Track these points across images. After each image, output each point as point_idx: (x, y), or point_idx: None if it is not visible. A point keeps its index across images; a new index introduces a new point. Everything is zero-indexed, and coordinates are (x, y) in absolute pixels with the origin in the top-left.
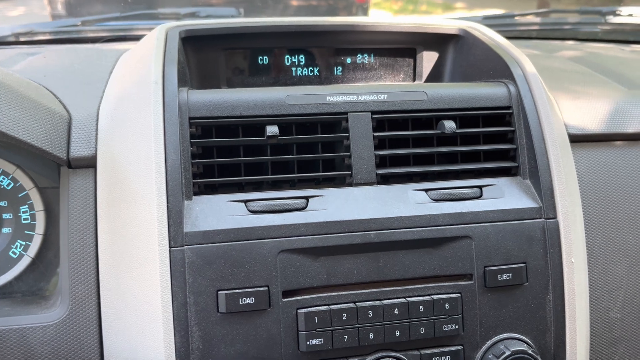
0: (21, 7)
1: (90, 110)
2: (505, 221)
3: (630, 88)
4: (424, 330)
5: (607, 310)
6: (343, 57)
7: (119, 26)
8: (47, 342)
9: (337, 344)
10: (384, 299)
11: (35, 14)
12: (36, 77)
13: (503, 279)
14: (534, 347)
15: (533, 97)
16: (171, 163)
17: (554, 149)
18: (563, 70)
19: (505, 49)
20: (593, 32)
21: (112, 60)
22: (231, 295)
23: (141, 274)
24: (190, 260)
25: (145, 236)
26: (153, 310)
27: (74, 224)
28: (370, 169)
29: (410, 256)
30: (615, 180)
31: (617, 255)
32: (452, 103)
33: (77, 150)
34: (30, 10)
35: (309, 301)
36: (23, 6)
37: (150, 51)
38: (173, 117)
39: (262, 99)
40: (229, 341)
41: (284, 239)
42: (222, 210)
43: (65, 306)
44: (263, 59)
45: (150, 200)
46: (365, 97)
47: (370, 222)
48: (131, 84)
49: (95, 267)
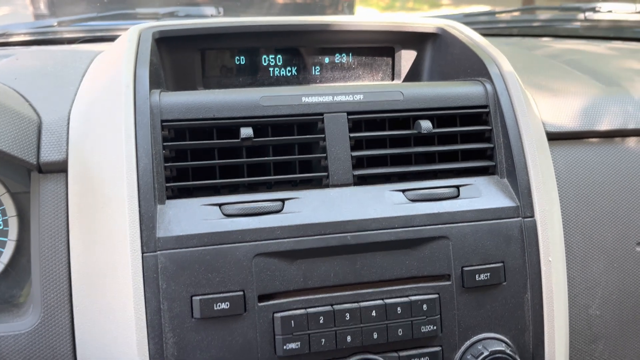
0: (5, 7)
1: (61, 114)
2: (483, 221)
3: (607, 85)
4: (402, 332)
5: (586, 307)
6: (321, 57)
7: (96, 26)
8: (19, 351)
9: (315, 347)
10: (361, 301)
11: (16, 13)
12: (6, 80)
13: (481, 279)
14: (513, 346)
15: (510, 95)
16: (143, 167)
17: (531, 148)
18: (541, 67)
19: (482, 47)
20: (573, 28)
21: (87, 62)
22: (206, 300)
23: (114, 280)
24: (163, 265)
25: (118, 242)
26: (126, 317)
27: (45, 229)
28: (346, 170)
29: (388, 257)
30: (592, 178)
31: (595, 252)
32: (429, 102)
33: (47, 154)
34: (15, 10)
35: (286, 305)
36: (6, 6)
37: (122, 53)
38: (144, 120)
39: (236, 100)
40: (204, 347)
41: (259, 243)
42: (196, 214)
43: (38, 314)
44: (240, 59)
45: (122, 205)
46: (341, 97)
47: (347, 224)
48: (102, 86)
49: (67, 274)
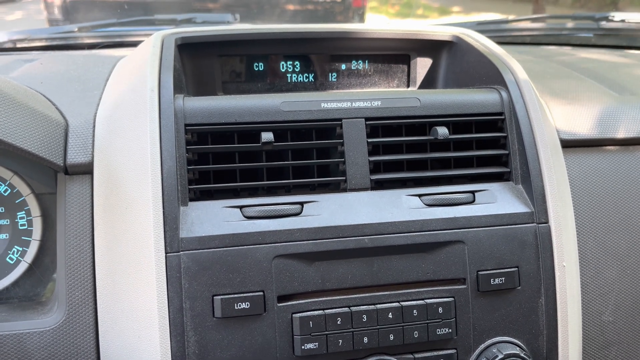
0: (18, 11)
1: (87, 117)
2: (498, 226)
3: (621, 93)
4: (417, 334)
5: (599, 313)
6: (338, 64)
7: (115, 32)
8: (44, 348)
9: (332, 348)
10: (378, 303)
11: (33, 19)
12: (33, 84)
13: (496, 283)
14: (527, 350)
15: (525, 103)
16: (167, 169)
17: (546, 154)
18: (555, 75)
19: (498, 55)
20: (586, 37)
21: (109, 67)
22: (227, 300)
23: (137, 279)
24: (186, 265)
25: (142, 242)
26: (149, 315)
27: (71, 229)
28: (364, 174)
29: (404, 261)
30: (606, 185)
31: (608, 259)
32: (445, 109)
33: (73, 156)
34: (28, 15)
35: (304, 306)
36: (20, 10)
37: (146, 58)
38: (169, 123)
39: (257, 105)
40: (225, 346)
41: (279, 244)
42: (218, 216)
43: (62, 311)
44: (258, 65)
45: (147, 206)
46: (360, 103)
47: (364, 227)
48: (127, 91)
49: (92, 273)
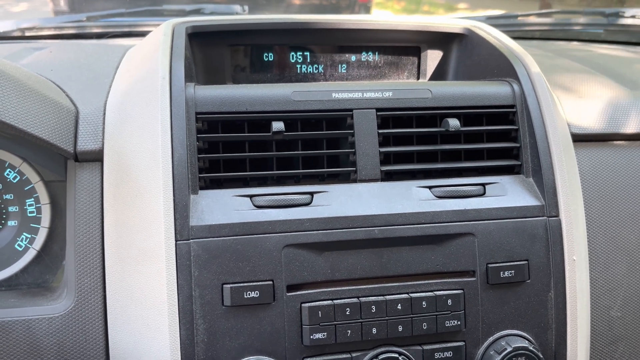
0: (23, 3)
1: (98, 105)
2: (508, 219)
3: (632, 89)
4: (426, 326)
5: (608, 308)
6: (348, 55)
7: (124, 22)
8: (52, 334)
9: (340, 338)
10: (387, 294)
11: (38, 10)
12: (43, 71)
13: (505, 276)
14: (536, 343)
15: (537, 96)
16: (178, 157)
17: (557, 148)
18: (566, 70)
19: (510, 48)
20: (596, 33)
21: (119, 56)
22: (236, 288)
23: (147, 267)
24: (196, 253)
25: (152, 229)
26: (159, 302)
27: (81, 217)
28: (374, 165)
29: (414, 252)
30: (617, 180)
31: (618, 254)
32: (457, 101)
33: (84, 143)
34: (33, 6)
35: (313, 296)
36: (25, 2)
37: (157, 46)
38: (180, 112)
39: (268, 95)
40: (234, 334)
41: (289, 234)
42: (228, 204)
43: (71, 298)
44: (268, 55)
45: (157, 194)
46: (371, 94)
47: (374, 218)
48: (138, 78)
49: (101, 260)
